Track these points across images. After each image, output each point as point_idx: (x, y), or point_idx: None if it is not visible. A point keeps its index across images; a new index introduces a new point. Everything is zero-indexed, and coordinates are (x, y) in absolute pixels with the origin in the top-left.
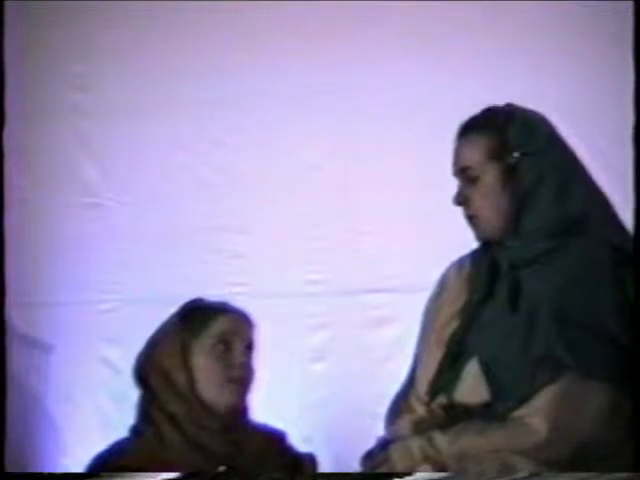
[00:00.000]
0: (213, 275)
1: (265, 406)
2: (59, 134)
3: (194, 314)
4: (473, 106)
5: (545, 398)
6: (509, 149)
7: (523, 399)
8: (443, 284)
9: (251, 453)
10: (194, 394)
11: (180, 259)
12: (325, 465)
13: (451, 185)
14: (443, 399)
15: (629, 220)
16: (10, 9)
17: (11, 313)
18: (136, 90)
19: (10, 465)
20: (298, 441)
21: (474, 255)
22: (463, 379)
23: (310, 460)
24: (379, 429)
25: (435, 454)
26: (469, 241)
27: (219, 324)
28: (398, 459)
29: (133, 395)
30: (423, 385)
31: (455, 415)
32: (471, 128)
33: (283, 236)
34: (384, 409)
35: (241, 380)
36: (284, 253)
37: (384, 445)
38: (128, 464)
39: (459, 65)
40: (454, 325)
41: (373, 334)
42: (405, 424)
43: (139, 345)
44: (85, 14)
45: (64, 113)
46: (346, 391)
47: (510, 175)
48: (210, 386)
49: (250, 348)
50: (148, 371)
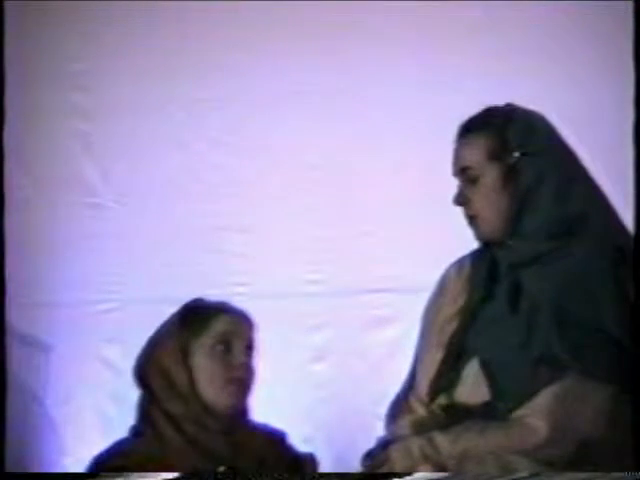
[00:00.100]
0: (213, 275)
1: (265, 406)
2: (59, 134)
3: (194, 314)
4: (473, 106)
5: (545, 398)
6: (509, 149)
7: (523, 399)
8: (443, 284)
9: (251, 453)
10: (194, 394)
11: (180, 259)
12: (325, 465)
13: (451, 185)
14: (443, 399)
15: (629, 220)
16: (10, 9)
17: (11, 313)
18: (136, 89)
19: (10, 465)
20: (298, 441)
21: (474, 255)
22: (463, 379)
23: (310, 460)
24: (379, 429)
25: (435, 454)
26: (469, 241)
27: (219, 324)
28: (398, 459)
29: (133, 395)
30: (423, 385)
31: (455, 415)
32: (471, 128)
33: (283, 236)
34: (384, 409)
35: (241, 380)
36: (284, 253)
37: (384, 445)
38: (128, 464)
39: (459, 65)
40: (454, 325)
41: (373, 334)
42: (405, 424)
43: (139, 345)
44: (85, 13)
45: (64, 113)
46: (346, 391)
47: (510, 175)
48: (210, 386)
49: (250, 348)
50: (148, 371)
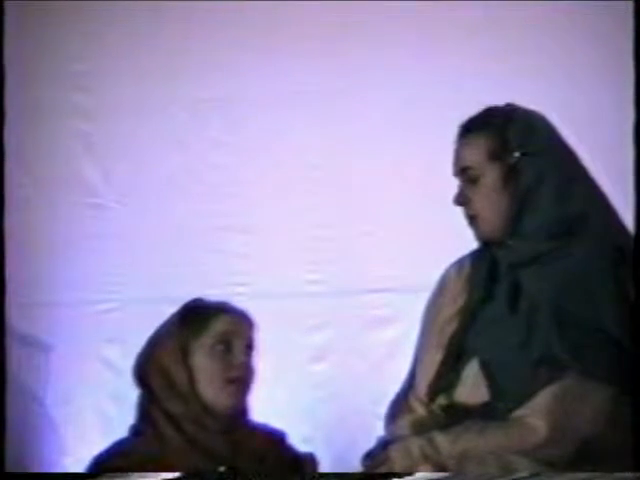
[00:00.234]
0: (213, 275)
1: (265, 406)
2: (60, 134)
3: (194, 314)
4: (473, 106)
5: (545, 398)
6: (509, 149)
7: (523, 399)
8: (443, 284)
9: (251, 453)
10: (194, 394)
11: (180, 259)
12: (325, 465)
13: (451, 185)
14: (443, 399)
15: (629, 220)
16: (10, 9)
17: (11, 313)
18: (137, 90)
19: (10, 465)
20: (298, 441)
21: (474, 255)
22: (463, 379)
23: (310, 460)
24: (379, 429)
25: (435, 454)
26: (469, 241)
27: (219, 324)
28: (398, 459)
29: (133, 395)
30: (423, 385)
31: (455, 415)
32: (471, 128)
33: (283, 236)
34: (384, 409)
35: (241, 380)
36: (284, 253)
37: (384, 445)
38: (128, 464)
39: (459, 65)
40: (454, 325)
41: (373, 334)
42: (405, 424)
43: (139, 345)
44: (86, 14)
45: (65, 113)
46: (346, 391)
47: (510, 175)
48: (210, 386)
49: (250, 348)
50: (148, 371)
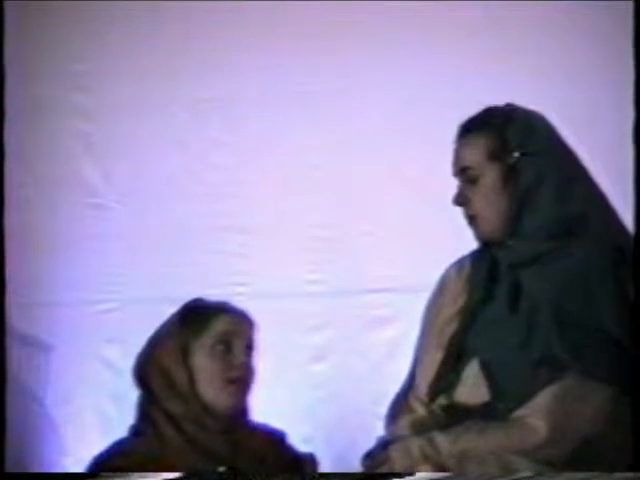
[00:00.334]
0: (213, 275)
1: (265, 406)
2: (60, 134)
3: (194, 314)
4: (473, 106)
5: (545, 398)
6: (509, 149)
7: (523, 399)
8: (443, 284)
9: (251, 453)
10: (194, 394)
11: (180, 259)
12: (325, 465)
13: (451, 185)
14: (443, 399)
15: (629, 220)
16: (10, 9)
17: (11, 313)
18: (138, 90)
19: (10, 465)
20: (298, 441)
21: (474, 255)
22: (463, 379)
23: (310, 460)
24: (379, 429)
25: (435, 454)
26: (469, 241)
27: (219, 324)
28: (398, 459)
29: (133, 395)
30: (423, 385)
31: (455, 415)
32: (471, 128)
33: (283, 236)
34: (384, 409)
35: (241, 380)
36: (284, 253)
37: (384, 445)
38: (128, 464)
39: (459, 65)
40: (454, 325)
41: (373, 334)
42: (405, 424)
43: (139, 345)
44: (86, 13)
45: (66, 113)
46: (346, 391)
47: (510, 175)
48: (210, 386)
49: (250, 348)
50: (148, 371)
